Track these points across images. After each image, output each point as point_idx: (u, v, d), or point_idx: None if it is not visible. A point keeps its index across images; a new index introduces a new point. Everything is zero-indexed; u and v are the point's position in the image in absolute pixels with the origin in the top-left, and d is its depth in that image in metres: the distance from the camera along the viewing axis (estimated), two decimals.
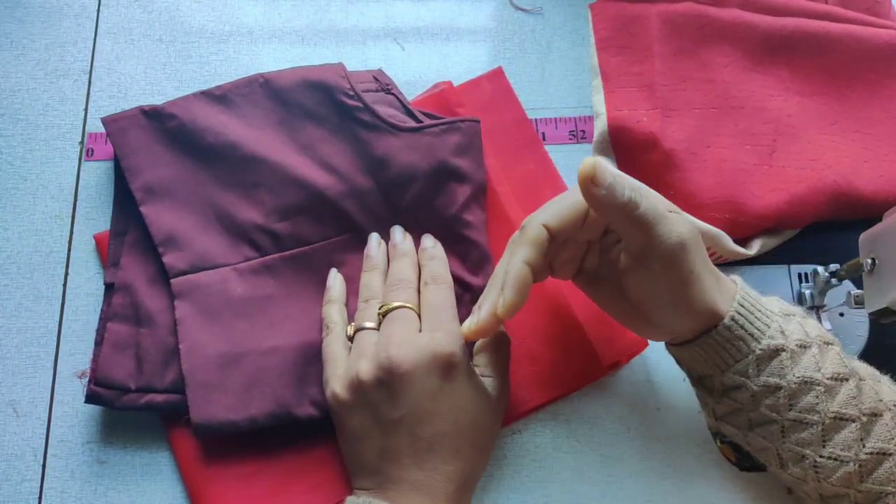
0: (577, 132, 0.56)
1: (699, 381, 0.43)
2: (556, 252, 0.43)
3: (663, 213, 0.38)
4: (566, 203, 0.41)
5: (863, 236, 0.44)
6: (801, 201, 0.51)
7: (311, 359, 0.47)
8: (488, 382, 0.44)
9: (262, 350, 0.47)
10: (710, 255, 0.50)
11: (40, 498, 0.47)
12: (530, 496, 0.48)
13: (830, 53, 0.55)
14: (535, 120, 0.56)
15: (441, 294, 0.44)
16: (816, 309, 0.50)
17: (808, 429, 0.39)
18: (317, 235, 0.49)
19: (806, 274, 0.52)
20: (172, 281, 0.47)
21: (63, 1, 0.58)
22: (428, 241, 0.49)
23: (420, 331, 0.42)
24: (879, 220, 0.43)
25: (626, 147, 0.53)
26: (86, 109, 0.55)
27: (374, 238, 0.49)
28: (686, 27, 0.55)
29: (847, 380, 0.40)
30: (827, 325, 0.50)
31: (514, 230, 0.51)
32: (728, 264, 0.52)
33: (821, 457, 0.39)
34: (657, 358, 0.50)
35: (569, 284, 0.49)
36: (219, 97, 0.51)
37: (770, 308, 0.41)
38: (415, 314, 0.43)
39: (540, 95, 0.57)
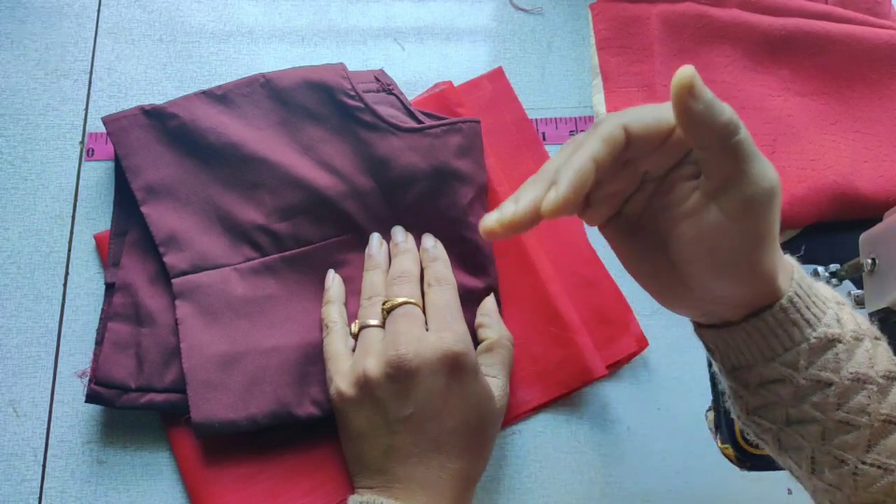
0: (577, 132, 0.56)
1: (733, 372, 0.37)
2: (604, 181, 0.33)
3: (758, 151, 0.31)
4: (653, 113, 0.32)
5: (863, 236, 0.44)
6: (801, 201, 0.51)
7: (312, 358, 0.47)
8: (493, 382, 0.44)
9: (263, 349, 0.47)
10: None
11: (40, 498, 0.47)
12: (530, 496, 0.48)
13: (830, 53, 0.55)
14: (536, 120, 0.56)
15: (446, 295, 0.44)
16: None
17: (855, 431, 0.34)
18: (317, 236, 0.49)
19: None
20: (173, 281, 0.47)
21: (63, 1, 0.58)
22: (429, 241, 0.49)
23: (427, 329, 0.43)
24: (879, 220, 0.43)
25: None
26: (86, 109, 0.55)
27: (376, 237, 0.49)
28: (686, 27, 0.55)
29: None
30: None
31: None
32: None
33: (863, 463, 0.34)
34: (657, 358, 0.50)
35: (568, 284, 0.49)
36: (220, 97, 0.51)
37: (825, 294, 0.36)
38: (419, 310, 0.44)
39: (540, 95, 0.57)
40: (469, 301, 0.48)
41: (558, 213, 0.30)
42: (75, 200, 0.53)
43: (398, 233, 0.49)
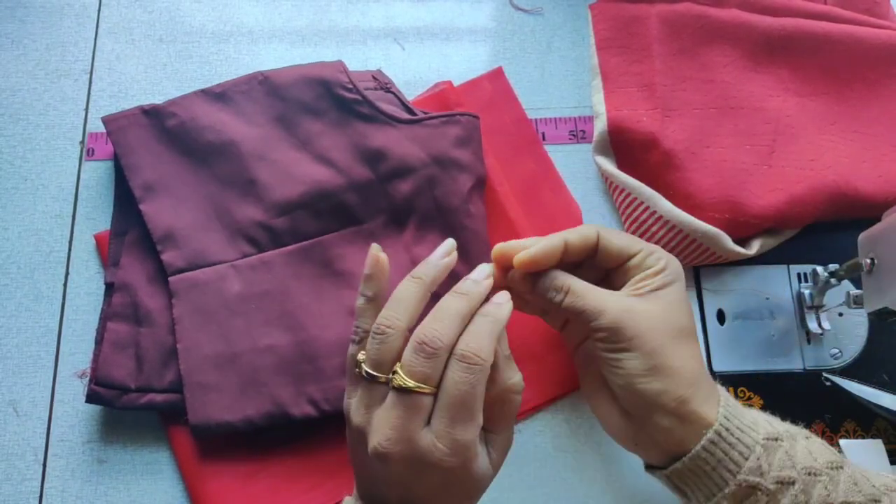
0: (577, 132, 0.56)
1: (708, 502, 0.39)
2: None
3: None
4: (624, 236, 0.42)
5: (862, 236, 0.44)
6: (801, 201, 0.51)
7: (309, 356, 0.47)
8: (491, 445, 0.38)
9: (259, 349, 0.47)
10: (710, 256, 0.50)
11: (41, 497, 0.47)
12: (530, 496, 0.48)
13: (829, 53, 0.55)
14: (535, 120, 0.56)
15: (468, 382, 0.35)
16: (816, 309, 0.50)
17: None
18: (315, 230, 0.49)
19: (805, 274, 0.52)
20: (170, 279, 0.47)
21: (64, 1, 0.58)
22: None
23: (429, 421, 0.35)
24: (879, 220, 0.43)
25: (625, 147, 0.53)
26: (86, 109, 0.55)
27: (448, 244, 0.41)
28: (686, 27, 0.55)
29: (842, 467, 0.38)
30: (826, 324, 0.50)
31: (514, 229, 0.51)
32: (728, 264, 0.52)
33: None
34: None
35: None
36: (218, 95, 0.51)
37: (754, 420, 0.39)
38: (427, 402, 0.35)
39: (540, 95, 0.57)
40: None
41: (524, 264, 0.40)
42: (75, 200, 0.53)
43: (483, 269, 0.40)
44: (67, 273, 0.51)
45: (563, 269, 0.42)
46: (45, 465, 0.47)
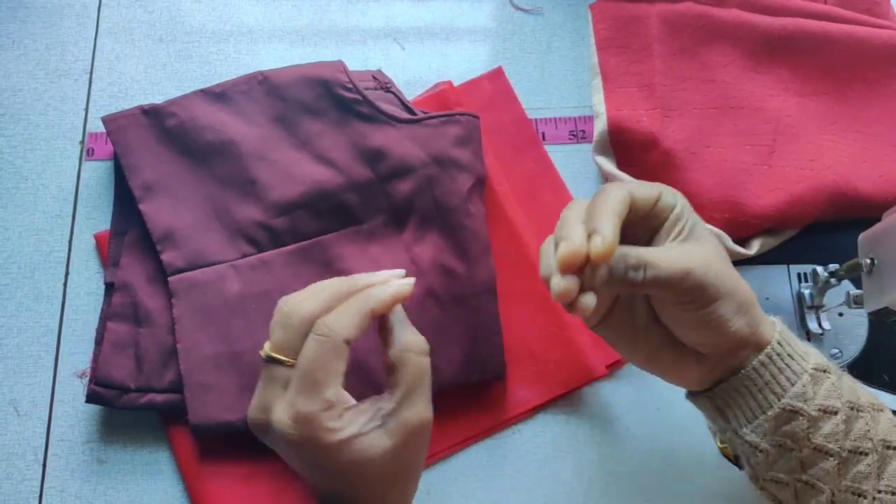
0: (577, 132, 0.56)
1: (750, 424, 0.38)
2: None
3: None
4: (644, 184, 0.38)
5: (862, 236, 0.44)
6: (801, 201, 0.51)
7: None
8: (389, 423, 0.36)
9: (259, 348, 0.46)
10: None
11: (40, 497, 0.47)
12: (530, 496, 0.48)
13: (830, 53, 0.55)
14: (535, 120, 0.56)
15: (314, 352, 0.35)
16: (816, 309, 0.50)
17: (865, 459, 0.37)
18: (315, 230, 0.49)
19: (805, 274, 0.52)
20: (169, 279, 0.47)
21: (64, 1, 0.58)
22: (395, 272, 0.41)
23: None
24: (879, 220, 0.43)
25: (625, 147, 0.53)
26: (86, 109, 0.55)
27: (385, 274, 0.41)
28: (686, 27, 0.55)
29: (882, 410, 0.38)
30: (826, 324, 0.50)
31: (514, 230, 0.51)
32: None
33: (879, 492, 0.36)
34: None
35: None
36: (218, 95, 0.51)
37: (800, 344, 0.39)
38: (283, 369, 0.36)
39: (540, 95, 0.57)
40: (465, 295, 0.48)
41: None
42: (75, 200, 0.53)
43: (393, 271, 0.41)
44: (67, 273, 0.51)
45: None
46: (44, 465, 0.47)
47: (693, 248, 0.37)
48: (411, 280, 0.39)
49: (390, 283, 0.39)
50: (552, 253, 0.35)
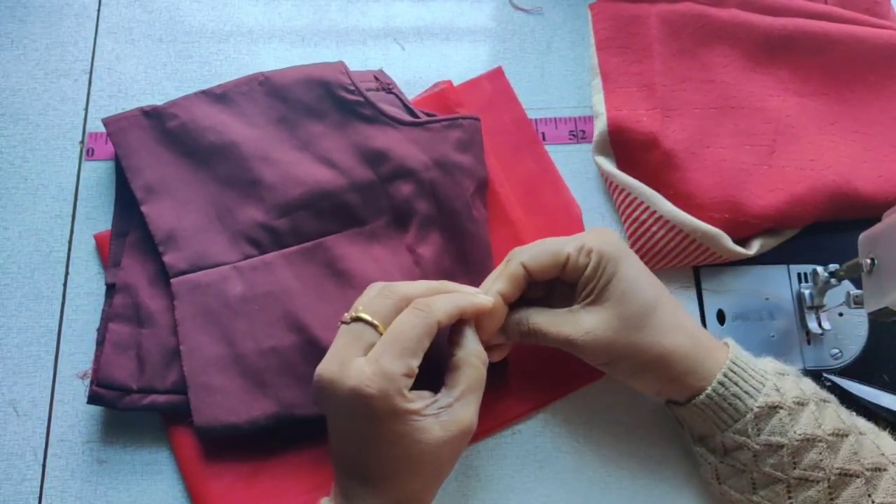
0: (577, 132, 0.56)
1: (701, 441, 0.44)
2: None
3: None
4: (548, 250, 0.42)
5: (862, 236, 0.44)
6: (801, 201, 0.51)
7: (311, 358, 0.46)
8: (443, 416, 0.38)
9: (263, 350, 0.47)
10: (710, 256, 0.50)
11: (40, 497, 0.47)
12: (530, 496, 0.48)
13: (830, 53, 0.55)
14: (535, 120, 0.56)
15: (411, 322, 0.38)
16: (816, 309, 0.50)
17: (815, 486, 0.39)
18: (317, 231, 0.49)
19: (805, 274, 0.52)
20: (172, 281, 0.47)
21: (64, 1, 0.58)
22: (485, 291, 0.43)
23: (368, 353, 0.38)
24: (879, 220, 0.43)
25: (625, 147, 0.53)
26: (86, 109, 0.55)
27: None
28: (686, 27, 0.55)
29: (847, 435, 0.40)
30: (826, 325, 0.50)
31: (515, 230, 0.51)
32: (728, 264, 0.52)
33: None
34: None
35: None
36: (219, 96, 0.51)
37: (764, 368, 0.42)
38: (372, 331, 0.38)
39: (540, 95, 0.57)
40: None
41: (486, 336, 0.43)
42: (75, 200, 0.53)
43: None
44: (67, 273, 0.51)
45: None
46: (44, 466, 0.47)
47: (589, 315, 0.42)
48: (490, 298, 0.42)
49: (480, 295, 0.42)
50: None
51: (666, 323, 0.41)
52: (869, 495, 0.39)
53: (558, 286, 0.45)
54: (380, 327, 0.38)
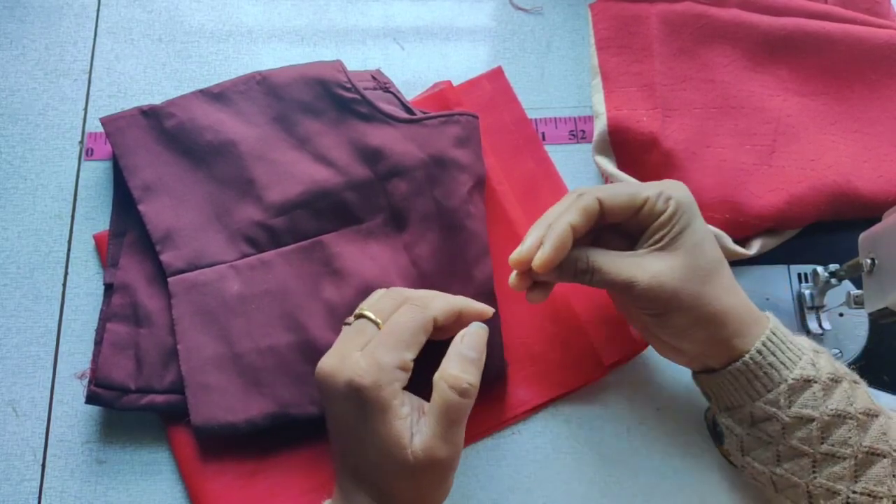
0: (577, 132, 0.56)
1: (728, 412, 0.43)
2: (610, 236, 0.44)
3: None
4: (625, 190, 0.41)
5: (862, 236, 0.44)
6: (801, 201, 0.51)
7: (310, 357, 0.46)
8: (416, 439, 0.37)
9: (260, 349, 0.47)
10: None
11: (40, 497, 0.47)
12: (530, 496, 0.47)
13: (830, 53, 0.55)
14: (535, 120, 0.56)
15: (408, 317, 0.39)
16: (816, 309, 0.50)
17: (841, 463, 0.39)
18: (315, 229, 0.49)
19: (806, 274, 0.52)
20: (169, 280, 0.47)
21: (63, 1, 0.58)
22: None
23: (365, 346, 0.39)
24: (879, 220, 0.43)
25: (626, 147, 0.53)
26: (85, 109, 0.55)
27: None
28: (686, 27, 0.55)
29: (878, 416, 0.40)
30: (827, 325, 0.50)
31: (514, 229, 0.51)
32: (728, 264, 0.52)
33: (854, 492, 0.39)
34: (657, 358, 0.50)
35: (568, 284, 0.49)
36: (217, 95, 0.51)
37: (801, 343, 0.42)
38: (373, 327, 0.39)
39: (540, 95, 0.57)
40: (464, 295, 0.48)
41: (547, 268, 0.40)
42: (74, 200, 0.53)
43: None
44: (66, 273, 0.51)
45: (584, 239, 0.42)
46: (44, 466, 0.47)
47: (657, 261, 0.40)
48: (492, 309, 0.43)
49: (485, 311, 0.43)
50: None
51: (727, 282, 0.41)
52: (894, 475, 0.39)
53: (605, 234, 0.44)
54: (380, 324, 0.39)
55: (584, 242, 0.42)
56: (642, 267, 0.40)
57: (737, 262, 0.52)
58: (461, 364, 0.39)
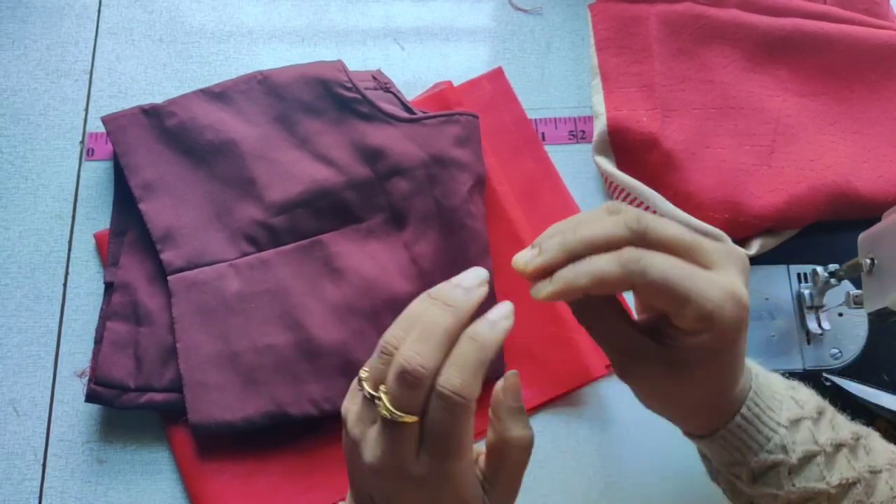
0: (577, 132, 0.56)
1: (730, 468, 0.39)
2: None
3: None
4: (684, 285, 0.32)
5: (862, 236, 0.44)
6: (801, 201, 0.51)
7: (309, 356, 0.47)
8: (488, 496, 0.34)
9: (259, 348, 0.47)
10: None
11: (40, 497, 0.47)
12: (530, 496, 0.47)
13: (829, 54, 0.55)
14: (535, 120, 0.56)
15: (448, 420, 0.31)
16: (816, 309, 0.50)
17: (856, 488, 0.37)
18: (315, 228, 0.49)
19: (805, 274, 0.52)
20: (169, 278, 0.47)
21: (64, 1, 0.58)
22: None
23: (417, 455, 0.32)
24: (879, 220, 0.43)
25: (625, 147, 0.53)
26: (86, 109, 0.55)
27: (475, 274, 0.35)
28: (685, 28, 0.55)
29: (856, 483, 0.37)
30: (826, 324, 0.50)
31: (514, 229, 0.51)
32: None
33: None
34: None
35: None
36: (218, 94, 0.51)
37: (777, 417, 0.37)
38: (414, 429, 0.32)
39: (540, 95, 0.57)
40: None
41: (550, 299, 0.33)
42: (75, 200, 0.53)
43: (472, 274, 0.35)
44: (67, 273, 0.51)
45: None
46: (44, 465, 0.47)
47: (683, 364, 0.34)
48: (512, 309, 0.34)
49: (497, 323, 0.33)
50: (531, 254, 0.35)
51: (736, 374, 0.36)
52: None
53: None
54: (414, 420, 0.32)
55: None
56: (721, 287, 0.32)
57: None
58: (518, 420, 0.35)
